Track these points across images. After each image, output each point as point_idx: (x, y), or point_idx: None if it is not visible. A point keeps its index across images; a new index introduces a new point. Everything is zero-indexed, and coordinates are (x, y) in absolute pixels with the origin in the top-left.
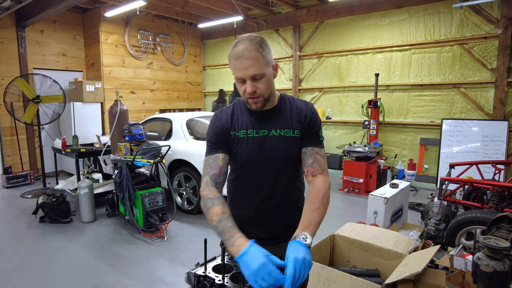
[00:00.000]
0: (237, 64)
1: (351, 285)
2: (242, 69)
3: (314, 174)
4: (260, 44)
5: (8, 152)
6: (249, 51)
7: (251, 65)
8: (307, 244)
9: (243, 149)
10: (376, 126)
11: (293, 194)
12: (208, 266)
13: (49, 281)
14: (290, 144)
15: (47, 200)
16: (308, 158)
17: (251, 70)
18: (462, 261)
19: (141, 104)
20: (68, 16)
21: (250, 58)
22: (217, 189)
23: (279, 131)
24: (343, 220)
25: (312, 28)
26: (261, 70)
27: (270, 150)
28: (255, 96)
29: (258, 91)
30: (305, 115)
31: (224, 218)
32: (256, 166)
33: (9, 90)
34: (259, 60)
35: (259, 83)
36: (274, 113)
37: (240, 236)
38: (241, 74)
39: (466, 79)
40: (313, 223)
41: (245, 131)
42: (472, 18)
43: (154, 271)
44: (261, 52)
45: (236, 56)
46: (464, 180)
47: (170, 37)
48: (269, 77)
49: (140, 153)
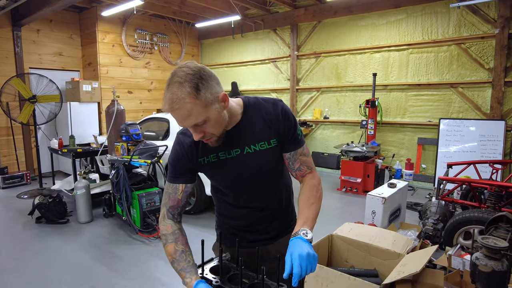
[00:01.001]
0: (173, 114)
1: (349, 285)
2: (179, 121)
3: (304, 175)
4: (192, 87)
5: (4, 152)
6: (179, 103)
7: (186, 117)
8: (309, 239)
9: (218, 173)
10: (374, 125)
11: (281, 196)
12: (205, 268)
13: (46, 282)
14: (268, 156)
15: (44, 201)
16: (294, 163)
17: (189, 121)
18: (460, 260)
19: (138, 104)
20: (64, 15)
21: (182, 110)
22: (174, 220)
23: (253, 147)
24: (341, 220)
25: (310, 28)
26: (200, 118)
27: (248, 168)
28: (206, 138)
29: (207, 134)
30: (277, 118)
31: (176, 258)
32: (236, 186)
33: (5, 90)
34: (194, 110)
35: (204, 127)
36: (241, 128)
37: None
38: (180, 124)
39: (464, 79)
40: (311, 218)
41: (216, 155)
42: (470, 18)
43: (151, 272)
44: (193, 98)
45: (168, 107)
46: (462, 179)
47: (168, 37)
48: (216, 117)
49: (137, 153)
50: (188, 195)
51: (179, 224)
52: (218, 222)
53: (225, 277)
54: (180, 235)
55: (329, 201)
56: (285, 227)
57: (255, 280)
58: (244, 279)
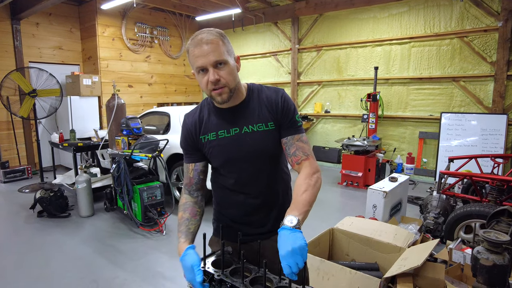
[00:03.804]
0: (197, 51)
1: (350, 279)
2: (203, 56)
3: (299, 162)
4: (220, 33)
5: (4, 146)
6: (209, 37)
7: (212, 51)
8: (294, 226)
9: (217, 152)
10: (375, 119)
11: (278, 187)
12: (207, 261)
13: (47, 275)
14: (265, 138)
15: (45, 195)
16: (290, 148)
17: (212, 56)
18: (461, 254)
19: (138, 98)
20: (63, 9)
21: (211, 43)
22: (191, 195)
23: (251, 127)
24: (342, 214)
25: (311, 21)
26: (223, 57)
27: (245, 148)
28: (219, 86)
29: (222, 80)
30: (276, 104)
31: (179, 223)
32: (234, 166)
33: (5, 84)
34: (220, 47)
35: (222, 71)
36: (243, 108)
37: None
38: (201, 62)
39: (466, 73)
40: (301, 204)
41: (215, 133)
42: (472, 10)
43: (153, 266)
44: (221, 39)
45: (195, 44)
46: (463, 173)
47: (168, 30)
48: (233, 68)
49: (138, 147)
50: (199, 173)
51: (195, 199)
52: (214, 214)
53: (226, 270)
54: (190, 206)
55: (330, 195)
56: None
57: (257, 273)
58: (246, 272)
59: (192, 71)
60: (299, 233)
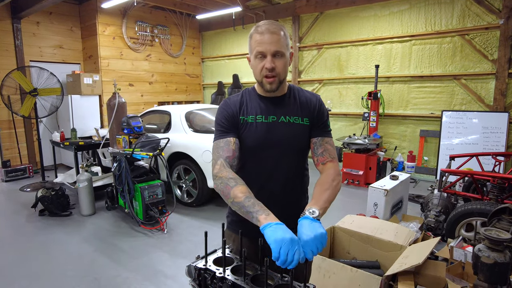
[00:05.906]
0: (260, 38)
1: (352, 277)
2: (265, 43)
3: (324, 162)
4: (283, 27)
5: (6, 145)
6: (274, 28)
7: (274, 41)
8: (315, 217)
9: (251, 133)
10: (376, 118)
11: (297, 182)
12: (208, 259)
13: (49, 274)
14: (298, 131)
15: (46, 194)
16: (319, 148)
17: (274, 46)
18: (462, 252)
19: (139, 96)
20: (64, 8)
21: (275, 33)
22: (232, 169)
23: (288, 118)
24: (343, 212)
25: (312, 19)
26: (282, 48)
27: (277, 135)
28: (272, 75)
29: (277, 69)
30: (314, 105)
31: (252, 196)
32: (263, 151)
33: (6, 83)
34: (282, 39)
35: (278, 61)
36: (284, 100)
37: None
38: (263, 48)
39: (467, 71)
40: (322, 200)
41: (254, 117)
42: (474, 8)
43: (154, 264)
44: (284, 33)
45: (260, 32)
46: (464, 172)
47: (168, 29)
48: (287, 61)
49: (139, 146)
50: (238, 148)
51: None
52: (230, 208)
53: (228, 268)
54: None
55: None
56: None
57: (258, 271)
58: (249, 271)
59: (248, 55)
60: (319, 223)
